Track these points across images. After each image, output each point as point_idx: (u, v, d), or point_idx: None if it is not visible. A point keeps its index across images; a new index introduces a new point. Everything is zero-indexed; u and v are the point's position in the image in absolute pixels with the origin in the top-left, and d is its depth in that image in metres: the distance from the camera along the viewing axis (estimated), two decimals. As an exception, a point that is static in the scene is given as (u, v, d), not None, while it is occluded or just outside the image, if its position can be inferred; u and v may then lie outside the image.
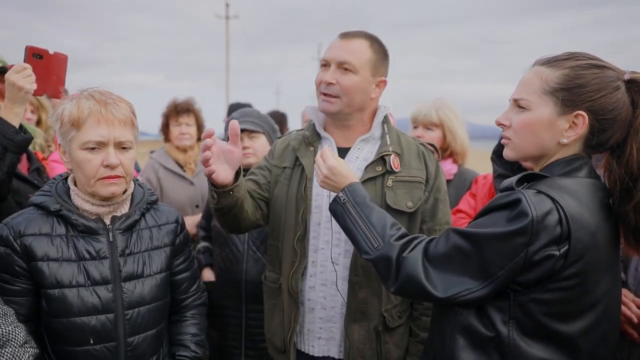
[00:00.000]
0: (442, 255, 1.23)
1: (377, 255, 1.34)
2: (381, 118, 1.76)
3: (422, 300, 1.54)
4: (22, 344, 1.28)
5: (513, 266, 1.14)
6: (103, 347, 1.42)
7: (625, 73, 1.22)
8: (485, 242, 1.17)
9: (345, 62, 1.64)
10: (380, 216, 1.40)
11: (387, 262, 1.31)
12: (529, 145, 1.26)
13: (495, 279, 1.16)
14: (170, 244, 1.59)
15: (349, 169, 1.53)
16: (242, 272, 2.36)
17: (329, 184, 1.52)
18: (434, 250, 1.26)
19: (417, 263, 1.25)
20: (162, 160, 3.04)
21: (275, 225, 1.80)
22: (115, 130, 1.41)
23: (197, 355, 1.62)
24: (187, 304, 1.68)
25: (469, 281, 1.18)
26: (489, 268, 1.16)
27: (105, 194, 1.43)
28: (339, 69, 1.66)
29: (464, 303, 1.21)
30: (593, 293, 1.18)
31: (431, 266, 1.24)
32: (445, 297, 1.20)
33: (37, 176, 2.15)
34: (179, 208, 2.83)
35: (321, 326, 1.74)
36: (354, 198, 1.44)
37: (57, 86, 1.73)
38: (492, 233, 1.16)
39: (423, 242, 1.31)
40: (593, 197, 1.20)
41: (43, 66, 1.69)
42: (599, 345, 1.22)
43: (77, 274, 1.41)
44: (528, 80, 1.26)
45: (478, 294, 1.18)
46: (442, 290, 1.21)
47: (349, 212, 1.43)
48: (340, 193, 1.48)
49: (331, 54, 1.68)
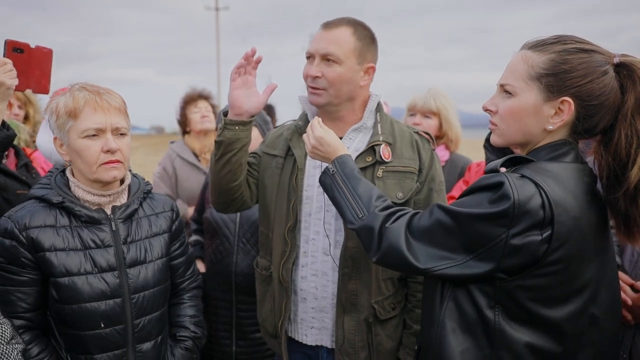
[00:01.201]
0: (424, 229, 1.24)
1: (360, 224, 1.35)
2: (373, 107, 1.74)
3: (403, 271, 1.54)
4: (8, 340, 1.30)
5: (494, 246, 1.14)
6: (113, 330, 1.49)
7: (615, 56, 1.19)
8: (467, 221, 1.17)
9: (329, 54, 1.62)
10: (367, 188, 1.42)
11: (370, 231, 1.32)
12: (514, 131, 1.25)
13: (476, 256, 1.17)
14: (168, 230, 1.66)
15: (337, 140, 1.53)
16: (232, 264, 2.40)
17: (317, 154, 1.54)
18: (417, 224, 1.27)
19: (400, 234, 1.26)
20: (179, 150, 3.16)
21: (266, 214, 1.81)
22: (111, 117, 1.47)
23: (196, 335, 1.72)
24: (184, 287, 1.76)
25: (450, 255, 1.19)
26: (470, 245, 1.17)
27: (107, 179, 1.49)
28: (323, 61, 1.64)
29: (445, 277, 1.22)
30: (579, 278, 1.17)
31: (413, 238, 1.25)
32: (425, 268, 1.22)
33: (25, 172, 2.13)
34: (191, 196, 2.95)
35: (313, 316, 1.74)
36: (343, 169, 1.46)
37: (41, 81, 1.68)
38: (474, 213, 1.16)
39: (407, 214, 1.31)
40: (578, 182, 1.18)
41: (24, 60, 1.64)
42: (588, 330, 1.21)
43: (85, 262, 1.47)
44: (514, 65, 1.24)
45: (458, 269, 1.19)
46: (422, 262, 1.22)
47: (337, 183, 1.45)
48: (329, 165, 1.50)
49: (314, 46, 1.66)
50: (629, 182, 1.14)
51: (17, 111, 2.76)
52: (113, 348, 1.50)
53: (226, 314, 2.45)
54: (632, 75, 1.17)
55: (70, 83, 1.54)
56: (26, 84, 1.67)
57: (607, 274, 1.25)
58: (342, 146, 1.53)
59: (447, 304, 1.25)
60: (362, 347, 1.69)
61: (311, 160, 1.72)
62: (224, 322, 2.46)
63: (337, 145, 1.51)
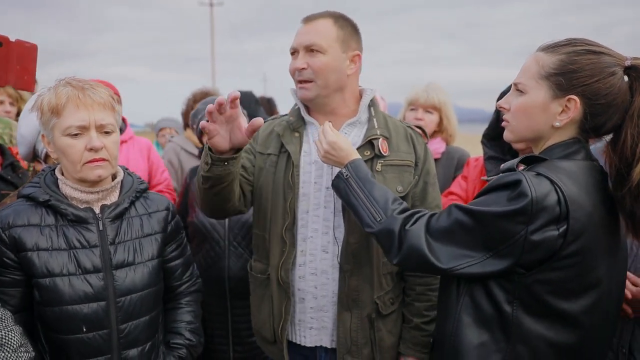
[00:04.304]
0: (444, 229, 1.27)
1: (380, 228, 1.38)
2: (367, 101, 1.73)
3: (425, 271, 1.55)
4: (16, 348, 1.27)
5: (513, 243, 1.18)
6: (95, 335, 1.43)
7: (626, 59, 1.24)
8: (486, 219, 1.21)
9: (312, 44, 1.61)
10: (383, 191, 1.45)
11: (390, 234, 1.35)
12: (524, 127, 1.31)
13: (496, 253, 1.20)
14: (161, 231, 1.60)
15: (349, 144, 1.55)
16: (225, 268, 2.34)
17: (330, 159, 1.55)
18: (436, 224, 1.30)
19: (420, 235, 1.29)
20: (183, 144, 3.17)
21: (262, 215, 1.76)
22: (95, 114, 1.42)
23: (191, 342, 1.65)
24: (181, 290, 1.70)
25: (471, 253, 1.23)
26: (490, 243, 1.21)
27: (92, 178, 1.44)
28: (307, 52, 1.63)
29: (466, 275, 1.25)
30: (594, 272, 1.21)
31: (433, 239, 1.28)
32: (448, 267, 1.25)
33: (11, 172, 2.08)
34: None
35: (312, 316, 1.71)
36: (357, 173, 1.48)
37: (24, 77, 1.62)
38: (493, 211, 1.20)
39: (425, 216, 1.35)
40: (590, 178, 1.23)
41: (3, 54, 1.57)
42: (602, 324, 1.26)
43: (68, 263, 1.42)
44: (528, 66, 1.31)
45: (479, 266, 1.22)
46: (444, 261, 1.25)
47: (351, 188, 1.47)
48: (343, 169, 1.52)
49: (297, 40, 1.65)
50: (632, 180, 1.19)
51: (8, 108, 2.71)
52: (96, 354, 1.44)
53: (221, 320, 2.39)
54: None
55: (58, 78, 1.48)
56: (5, 79, 1.60)
57: (618, 270, 1.29)
58: (354, 150, 1.55)
59: (463, 299, 1.29)
60: (365, 344, 1.68)
61: (306, 156, 1.70)
62: (220, 327, 2.40)
63: (349, 150, 1.54)
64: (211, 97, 2.64)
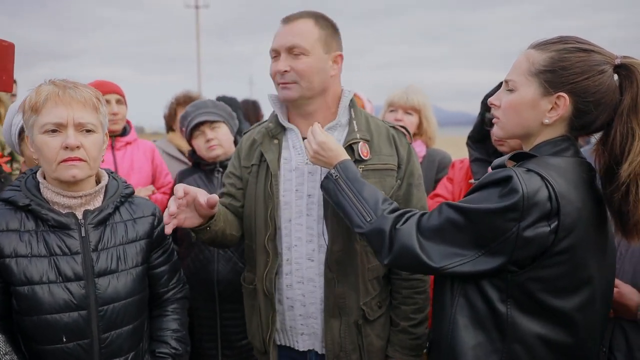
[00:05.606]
0: (435, 228, 1.27)
1: (370, 228, 1.36)
2: (346, 103, 1.69)
3: (417, 271, 1.55)
4: (1, 356, 1.25)
5: (505, 240, 1.18)
6: (76, 345, 1.39)
7: (616, 58, 1.24)
8: (478, 216, 1.21)
9: (294, 47, 1.57)
10: (372, 191, 1.44)
11: (380, 234, 1.34)
12: (513, 124, 1.31)
13: (488, 250, 1.20)
14: (146, 236, 1.56)
15: (338, 145, 1.54)
16: (214, 272, 2.32)
17: (319, 159, 1.54)
18: (427, 223, 1.29)
19: (412, 234, 1.28)
20: (165, 147, 3.14)
21: (248, 226, 1.75)
22: (74, 112, 1.37)
23: (177, 352, 1.61)
24: (168, 297, 1.66)
25: (462, 251, 1.23)
26: (482, 240, 1.21)
27: (66, 178, 1.38)
28: (289, 55, 1.59)
29: (458, 274, 1.25)
30: (585, 269, 1.22)
31: (424, 238, 1.27)
32: (440, 266, 1.24)
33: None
34: None
35: (302, 323, 1.71)
36: (346, 174, 1.47)
37: (1, 77, 1.58)
38: (484, 208, 1.20)
39: (416, 215, 1.34)
40: (579, 175, 1.24)
41: None
42: (595, 321, 1.27)
43: (48, 270, 1.38)
44: (518, 63, 1.31)
45: (471, 265, 1.22)
46: (436, 260, 1.24)
47: (341, 188, 1.46)
48: (332, 170, 1.51)
49: (278, 41, 1.61)
50: (621, 177, 1.19)
51: (-12, 111, 2.64)
52: (77, 364, 1.38)
53: (210, 324, 2.36)
54: (631, 76, 1.22)
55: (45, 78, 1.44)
56: None
57: (608, 268, 1.31)
58: (343, 151, 1.54)
59: (457, 300, 1.29)
60: (353, 350, 1.67)
61: (286, 164, 1.68)
62: (209, 332, 2.37)
63: (338, 150, 1.53)
64: (200, 101, 2.61)
